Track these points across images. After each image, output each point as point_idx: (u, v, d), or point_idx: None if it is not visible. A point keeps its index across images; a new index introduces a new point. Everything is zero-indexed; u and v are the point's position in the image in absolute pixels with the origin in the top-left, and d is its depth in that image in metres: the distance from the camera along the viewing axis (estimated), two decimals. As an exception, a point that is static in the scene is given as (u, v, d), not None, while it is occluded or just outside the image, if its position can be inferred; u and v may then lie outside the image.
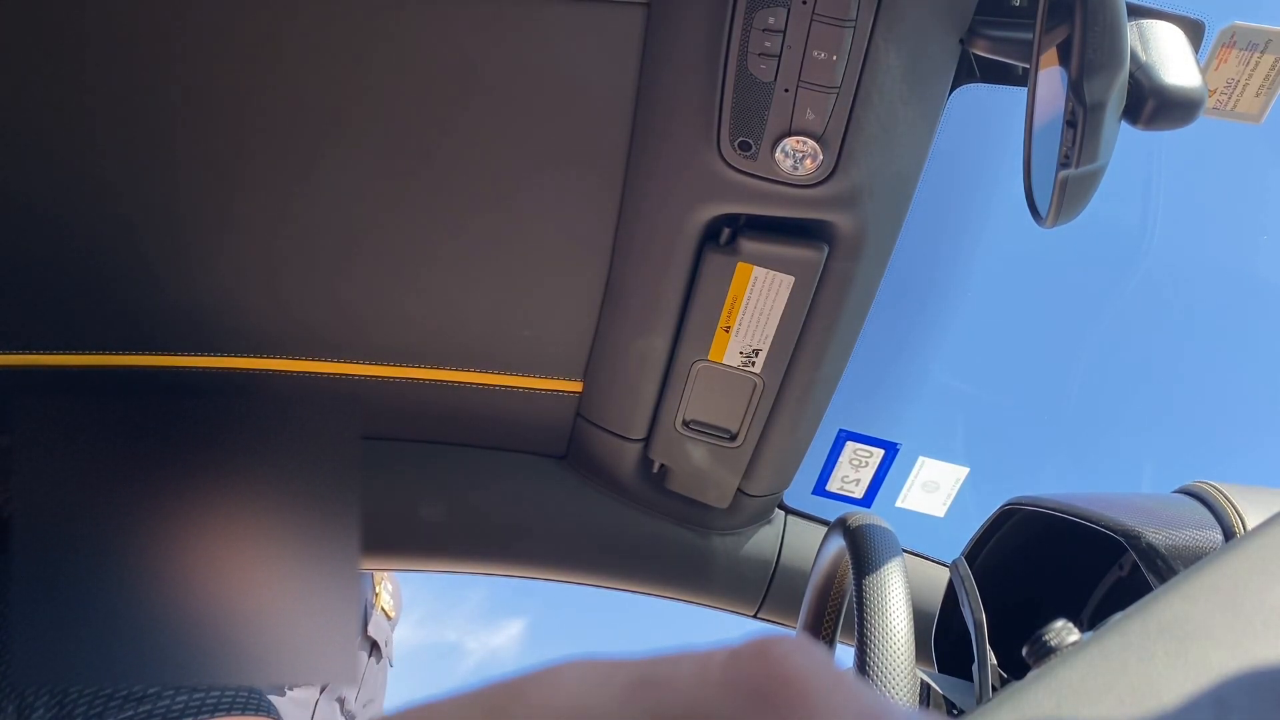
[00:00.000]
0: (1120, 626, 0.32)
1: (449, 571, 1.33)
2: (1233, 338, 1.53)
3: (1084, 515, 0.75)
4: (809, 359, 1.04)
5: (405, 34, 0.83)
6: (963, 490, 1.36)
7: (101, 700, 0.73)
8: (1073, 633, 0.58)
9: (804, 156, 0.83)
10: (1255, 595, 0.32)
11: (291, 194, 0.95)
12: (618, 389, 1.14)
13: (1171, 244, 1.36)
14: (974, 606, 0.79)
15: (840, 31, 0.74)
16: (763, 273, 0.96)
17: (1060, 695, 0.30)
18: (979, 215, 1.30)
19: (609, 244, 1.00)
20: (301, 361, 1.12)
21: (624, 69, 0.85)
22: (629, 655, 0.20)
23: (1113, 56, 0.59)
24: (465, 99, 0.87)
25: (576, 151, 0.92)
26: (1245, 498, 0.71)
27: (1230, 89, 0.80)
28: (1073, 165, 0.60)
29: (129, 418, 0.66)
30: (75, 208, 0.95)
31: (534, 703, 0.19)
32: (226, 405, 0.69)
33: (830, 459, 1.31)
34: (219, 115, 0.88)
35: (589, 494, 1.27)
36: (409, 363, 1.14)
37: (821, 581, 0.92)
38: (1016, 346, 1.56)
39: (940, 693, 0.85)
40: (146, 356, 1.10)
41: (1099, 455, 1.65)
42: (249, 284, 1.04)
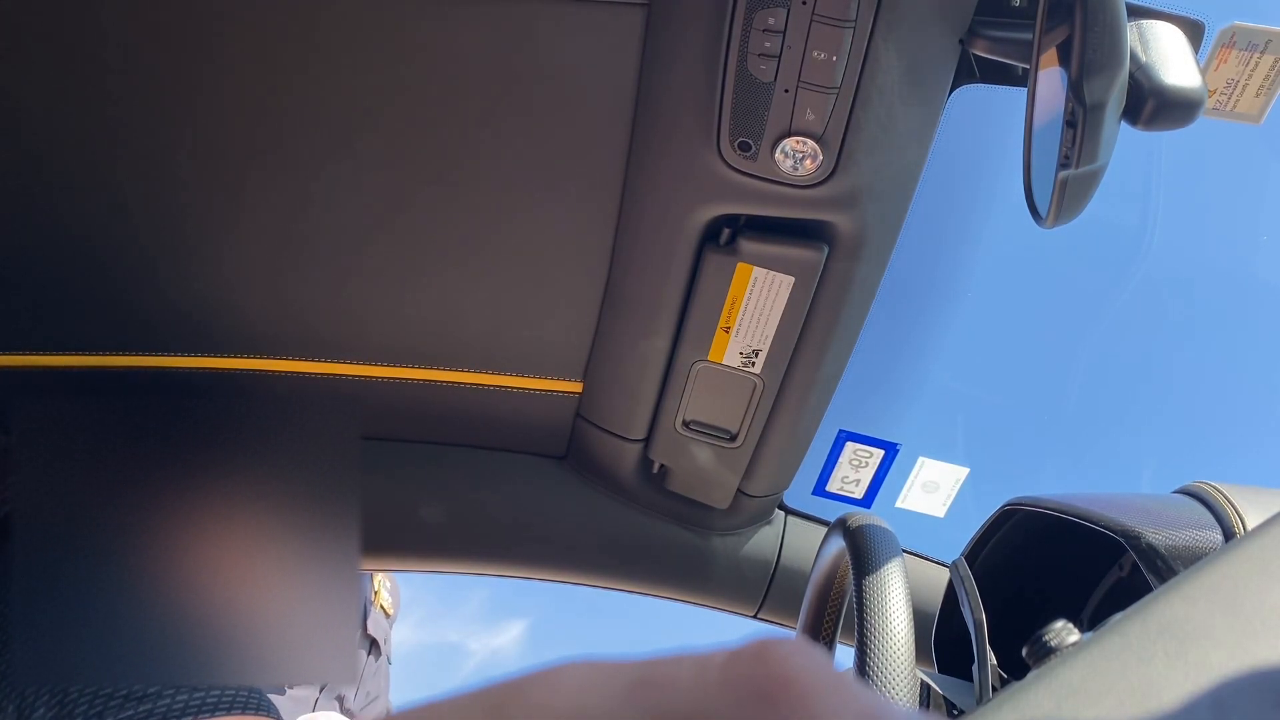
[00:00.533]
0: (1120, 627, 0.32)
1: (449, 572, 1.33)
2: (1232, 338, 1.53)
3: (1084, 515, 0.75)
4: (809, 359, 1.04)
5: (405, 34, 0.83)
6: (963, 490, 1.36)
7: (102, 700, 0.73)
8: (1073, 633, 0.58)
9: (804, 157, 0.83)
10: (1255, 595, 0.32)
11: (291, 194, 0.95)
12: (618, 389, 1.14)
13: (1171, 244, 1.36)
14: (974, 606, 0.79)
15: (840, 32, 0.74)
16: (763, 273, 0.96)
17: (1060, 695, 0.30)
18: (979, 216, 1.30)
19: (609, 244, 1.00)
20: (301, 362, 1.12)
21: (624, 69, 0.85)
22: (629, 656, 0.20)
23: (1113, 57, 0.59)
24: (465, 99, 0.87)
25: (576, 152, 0.92)
26: (1245, 498, 0.71)
27: (1230, 89, 0.80)
28: (1073, 165, 0.60)
29: (129, 418, 0.66)
30: (75, 208, 0.95)
31: (534, 703, 0.19)
32: (227, 406, 0.69)
33: (830, 459, 1.31)
34: (219, 117, 0.88)
35: (589, 494, 1.27)
36: (409, 363, 1.14)
37: (821, 582, 0.92)
38: (1016, 347, 1.56)
39: (940, 693, 0.85)
40: (146, 357, 1.10)
41: (1099, 455, 1.65)
42: (249, 284, 1.04)
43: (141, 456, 0.66)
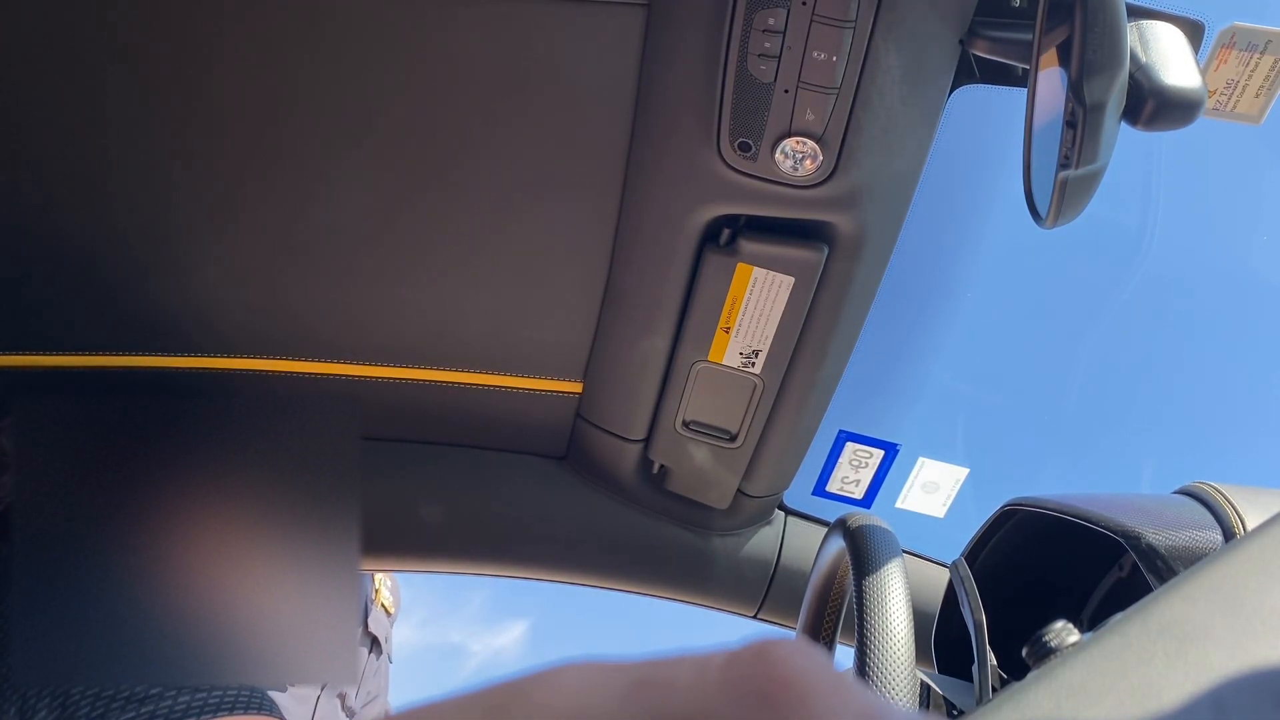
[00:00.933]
0: (1120, 627, 0.32)
1: (449, 572, 1.33)
2: (1232, 338, 1.53)
3: (1084, 516, 0.75)
4: (809, 360, 1.04)
5: (404, 34, 0.83)
6: (963, 491, 1.36)
7: (104, 701, 0.73)
8: (1073, 633, 0.58)
9: (804, 157, 0.83)
10: (1255, 596, 0.32)
11: (291, 194, 0.95)
12: (618, 390, 1.14)
13: (1171, 244, 1.36)
14: (974, 607, 0.79)
15: (840, 32, 0.74)
16: (762, 273, 0.96)
17: (1060, 696, 0.30)
18: (979, 216, 1.30)
19: (609, 244, 1.00)
20: (301, 361, 1.12)
21: (624, 69, 0.85)
22: (629, 657, 0.20)
23: (1113, 57, 0.59)
24: (464, 99, 0.87)
25: (576, 152, 0.92)
26: (1245, 498, 0.71)
27: (1230, 90, 0.80)
28: (1072, 166, 0.60)
29: (129, 418, 0.66)
30: (76, 209, 0.95)
31: (534, 704, 0.19)
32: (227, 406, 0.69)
33: (830, 460, 1.31)
34: (218, 117, 0.88)
35: (589, 495, 1.27)
36: (409, 363, 1.14)
37: (821, 582, 0.92)
38: (1016, 347, 1.56)
39: (940, 693, 0.85)
40: (146, 357, 1.10)
41: (1099, 455, 1.65)
42: (250, 284, 1.04)
43: (141, 456, 0.66)
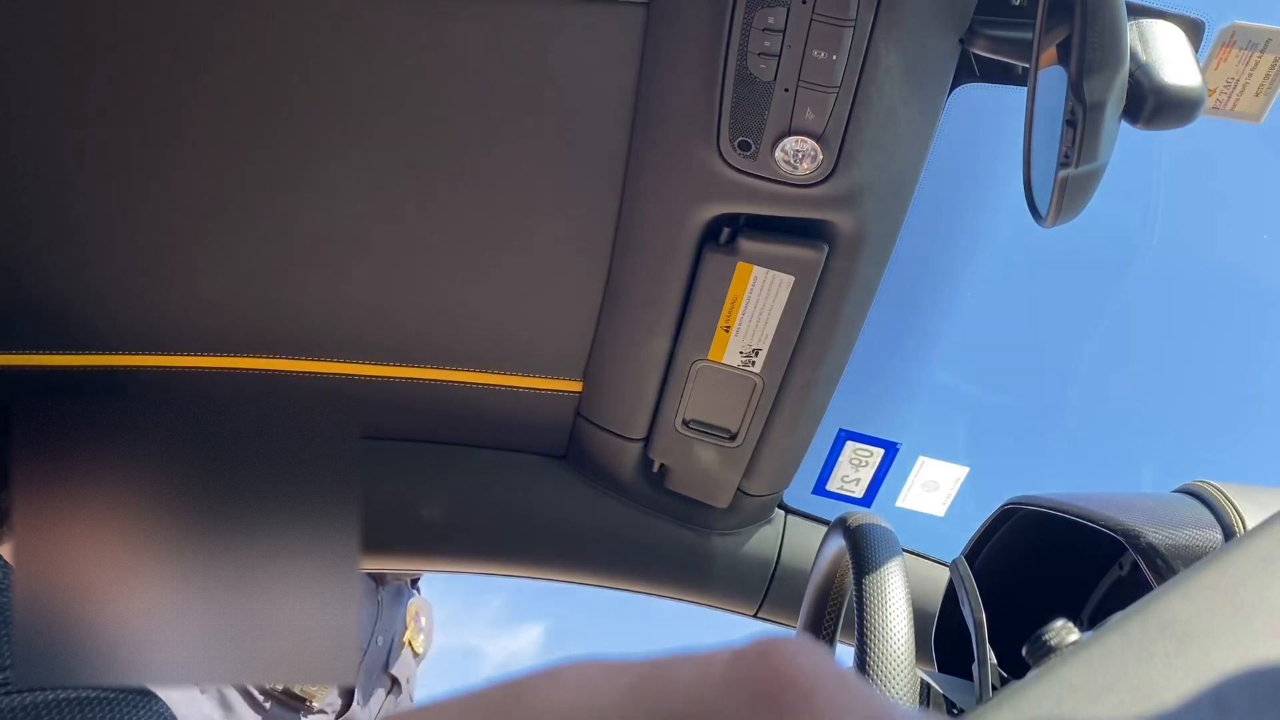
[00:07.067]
0: (1120, 626, 0.32)
1: (449, 571, 1.33)
2: (1233, 338, 1.53)
3: (1084, 515, 0.75)
4: (809, 359, 1.04)
5: (404, 33, 0.83)
6: (963, 490, 1.36)
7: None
8: (1073, 632, 0.58)
9: (803, 156, 0.83)
10: (1255, 595, 0.32)
11: (291, 194, 0.95)
12: (618, 389, 1.14)
13: (1171, 244, 1.36)
14: (974, 606, 0.79)
15: (840, 31, 0.74)
16: (763, 272, 0.96)
17: (1060, 695, 0.30)
18: (979, 215, 1.30)
19: (609, 244, 1.00)
20: (301, 361, 1.12)
21: (624, 69, 0.85)
22: (631, 656, 0.20)
23: (1113, 56, 0.59)
24: (465, 98, 0.87)
25: (576, 151, 0.92)
26: (1245, 497, 0.71)
27: (1230, 88, 0.80)
28: (1073, 165, 0.60)
29: (129, 418, 0.66)
30: (75, 209, 0.95)
31: (535, 703, 0.19)
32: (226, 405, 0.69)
33: (830, 459, 1.31)
34: (219, 117, 0.88)
35: (589, 493, 1.27)
36: (409, 363, 1.14)
37: (821, 581, 0.92)
38: (1016, 346, 1.56)
39: (940, 692, 0.85)
40: (146, 356, 1.10)
41: (1099, 455, 1.65)
42: (249, 284, 1.04)
43: (140, 456, 0.66)
